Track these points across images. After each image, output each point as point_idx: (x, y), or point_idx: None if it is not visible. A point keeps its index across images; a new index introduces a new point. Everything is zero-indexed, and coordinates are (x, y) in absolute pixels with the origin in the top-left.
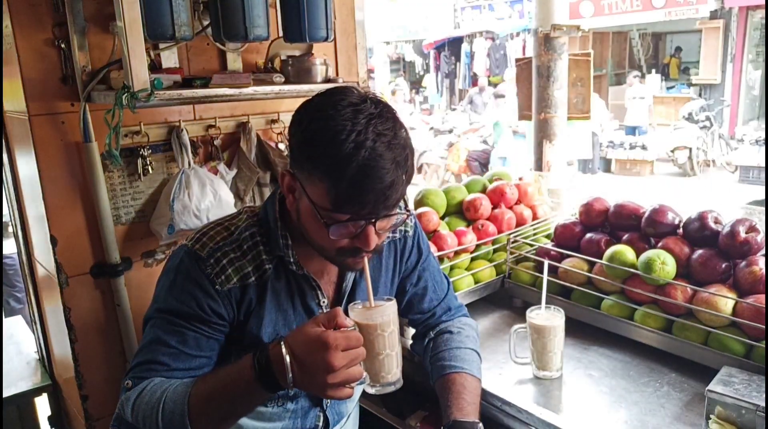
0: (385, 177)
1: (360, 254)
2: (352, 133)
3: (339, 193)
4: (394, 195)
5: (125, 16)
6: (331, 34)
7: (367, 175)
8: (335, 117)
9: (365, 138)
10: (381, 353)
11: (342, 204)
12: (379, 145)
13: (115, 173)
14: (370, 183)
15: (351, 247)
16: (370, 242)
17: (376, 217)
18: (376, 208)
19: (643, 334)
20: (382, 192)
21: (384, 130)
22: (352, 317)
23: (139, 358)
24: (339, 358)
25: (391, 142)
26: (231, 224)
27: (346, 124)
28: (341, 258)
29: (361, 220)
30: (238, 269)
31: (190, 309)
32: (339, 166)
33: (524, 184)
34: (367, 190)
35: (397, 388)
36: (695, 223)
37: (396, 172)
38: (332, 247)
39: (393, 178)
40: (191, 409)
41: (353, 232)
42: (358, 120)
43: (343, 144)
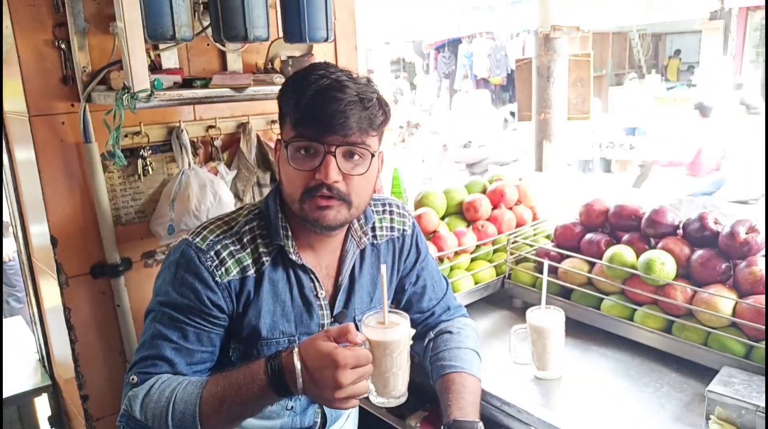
0: (342, 98)
1: (321, 192)
2: (321, 71)
3: (298, 113)
4: (351, 120)
5: (125, 17)
6: (331, 35)
7: (324, 94)
8: (312, 66)
9: (332, 73)
10: (389, 371)
11: (300, 124)
12: (344, 78)
13: (115, 174)
14: (327, 101)
15: (315, 185)
16: (328, 172)
17: (333, 142)
18: (331, 127)
19: (643, 335)
20: (339, 112)
21: (354, 77)
22: (365, 332)
23: (142, 353)
24: (347, 376)
25: (357, 81)
26: (231, 219)
27: (320, 68)
28: (305, 202)
29: (320, 145)
30: (237, 261)
31: (190, 302)
32: (301, 90)
33: (524, 185)
34: (323, 106)
35: (401, 403)
36: (695, 223)
37: (355, 100)
38: (298, 187)
39: (350, 102)
40: (202, 410)
41: (314, 164)
42: (331, 69)
43: (311, 75)
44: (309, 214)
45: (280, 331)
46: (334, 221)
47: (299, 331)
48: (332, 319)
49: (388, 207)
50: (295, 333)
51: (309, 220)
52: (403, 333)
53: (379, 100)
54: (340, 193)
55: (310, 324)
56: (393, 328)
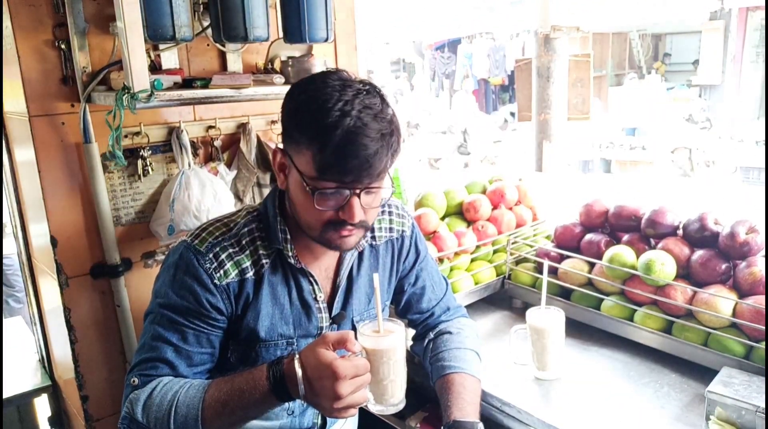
0: (369, 145)
1: (345, 227)
2: (339, 102)
3: (324, 159)
4: (378, 165)
5: (125, 17)
6: (331, 35)
7: (351, 141)
8: (324, 89)
9: (351, 108)
10: (385, 379)
11: (326, 170)
12: (365, 115)
13: (115, 174)
14: (354, 150)
15: (336, 220)
16: (354, 213)
17: (360, 186)
18: (359, 176)
19: (643, 335)
20: (366, 160)
21: (371, 104)
22: (361, 342)
23: (142, 355)
24: (346, 387)
25: (378, 114)
26: (230, 221)
27: (335, 94)
28: (327, 233)
29: (346, 190)
30: (236, 264)
31: (189, 304)
32: (324, 132)
33: (524, 185)
34: (351, 156)
35: (399, 410)
36: (695, 223)
37: (380, 143)
38: (318, 220)
39: (377, 148)
40: (205, 414)
41: (338, 203)
42: (346, 92)
43: (330, 111)
44: (330, 243)
45: (278, 333)
46: (354, 245)
47: (298, 333)
48: (331, 321)
49: (387, 208)
50: (293, 335)
51: (329, 245)
52: (399, 340)
53: (394, 123)
54: (362, 224)
55: (308, 327)
56: (388, 335)
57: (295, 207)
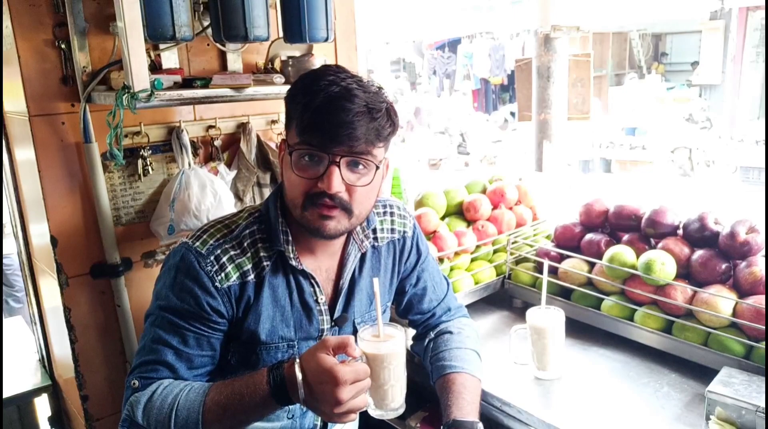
0: (351, 108)
1: (324, 201)
2: (331, 76)
3: (305, 120)
4: (359, 132)
5: (125, 17)
6: (331, 35)
7: (332, 103)
8: (322, 70)
9: (342, 80)
10: (386, 384)
11: (306, 131)
12: (354, 87)
13: (115, 174)
14: (335, 111)
15: (316, 193)
16: (332, 182)
17: (338, 152)
18: (338, 138)
19: (643, 335)
20: (347, 124)
21: (364, 85)
22: (361, 346)
23: (143, 357)
24: (346, 392)
25: (368, 89)
26: (231, 222)
27: (330, 74)
28: (307, 210)
29: (324, 155)
30: (237, 266)
31: (189, 307)
32: (310, 96)
33: (524, 185)
34: (330, 116)
35: (399, 415)
36: (695, 223)
37: (365, 112)
38: (300, 192)
39: (360, 113)
40: (205, 417)
41: (317, 172)
42: (341, 75)
43: (320, 81)
44: (310, 223)
45: (279, 336)
46: (334, 231)
47: (299, 336)
48: (332, 323)
49: (388, 208)
50: (294, 338)
51: (309, 228)
52: (399, 345)
53: (388, 110)
54: (342, 202)
55: (309, 329)
56: (388, 340)
57: (284, 189)
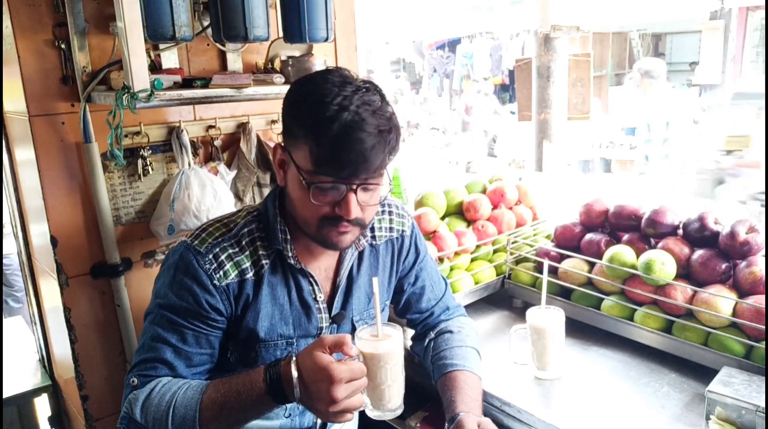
0: (366, 139)
1: (341, 224)
2: (338, 97)
3: (320, 152)
4: (375, 160)
5: (125, 17)
6: (331, 35)
7: (348, 135)
8: (324, 84)
9: (350, 103)
10: (383, 383)
11: (322, 164)
12: (363, 110)
13: (115, 174)
14: (351, 143)
15: (332, 216)
16: (350, 209)
17: (356, 181)
18: (355, 170)
19: (643, 335)
20: (363, 154)
21: (370, 100)
22: (359, 346)
23: (142, 355)
24: (342, 391)
25: (376, 111)
26: (230, 221)
27: (334, 89)
28: (323, 230)
29: (342, 185)
30: (236, 264)
31: (188, 305)
32: (322, 125)
33: (524, 185)
34: (347, 150)
35: (397, 416)
36: (695, 223)
37: (378, 138)
38: (315, 215)
39: (374, 143)
40: (202, 415)
41: (334, 199)
42: (345, 88)
43: (329, 105)
44: (327, 240)
45: (278, 334)
46: (350, 244)
47: (297, 333)
48: (331, 320)
49: (387, 208)
50: (293, 335)
51: (325, 243)
52: (396, 344)
53: (393, 122)
54: (358, 220)
55: (308, 327)
56: (386, 340)
57: (292, 203)
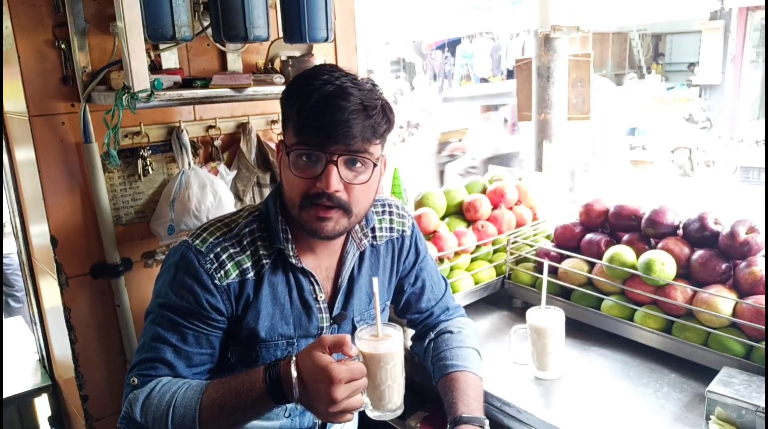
0: (346, 107)
1: (322, 201)
2: (325, 75)
3: (301, 120)
4: (355, 128)
5: (125, 17)
6: (331, 35)
7: (328, 103)
8: (316, 69)
9: (336, 78)
10: (383, 384)
11: (302, 132)
12: (348, 85)
13: (115, 174)
14: (330, 109)
15: (314, 193)
16: (330, 181)
17: (335, 151)
18: (334, 137)
19: (643, 335)
20: (343, 122)
21: (359, 81)
22: (359, 346)
23: (142, 355)
24: (341, 391)
25: (362, 87)
26: (231, 221)
27: (324, 73)
28: (305, 210)
29: (322, 154)
30: (237, 264)
31: (189, 305)
32: (305, 96)
33: (524, 185)
34: (326, 115)
35: (397, 416)
36: (695, 223)
37: (360, 109)
38: (298, 193)
39: (355, 110)
40: (202, 415)
41: (315, 172)
42: (336, 74)
43: (315, 81)
44: (308, 224)
45: (278, 333)
46: (332, 232)
47: (298, 333)
48: (331, 321)
49: (387, 208)
50: (293, 335)
51: (308, 229)
52: (397, 345)
53: (383, 106)
54: (340, 202)
55: (309, 327)
56: (386, 340)
57: (283, 189)
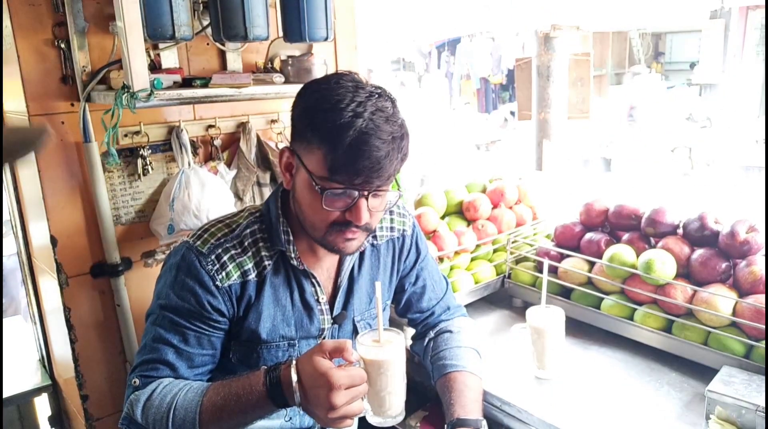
0: (381, 147)
1: (350, 229)
2: (352, 103)
3: (335, 159)
4: (388, 168)
5: (125, 17)
6: (331, 34)
7: (364, 142)
8: (337, 89)
9: (364, 109)
10: (383, 390)
11: (337, 170)
12: (378, 117)
13: (115, 173)
14: (367, 151)
15: (342, 222)
16: (360, 215)
17: (368, 189)
18: (369, 178)
19: (643, 334)
20: (377, 161)
21: (383, 107)
22: (360, 352)
23: (144, 356)
24: (341, 397)
25: (389, 118)
26: (233, 222)
27: (347, 94)
28: (331, 235)
29: (354, 191)
30: (238, 265)
31: (190, 306)
32: (337, 132)
33: (524, 185)
34: (362, 157)
35: (398, 422)
36: (695, 223)
37: (391, 145)
38: (324, 220)
39: (388, 150)
40: (202, 417)
41: (345, 204)
42: (359, 94)
43: (343, 111)
44: (334, 245)
45: (280, 335)
46: (357, 249)
47: (299, 335)
48: (332, 321)
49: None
50: (295, 337)
51: (331, 248)
52: (398, 351)
53: (404, 127)
54: (367, 226)
55: (310, 328)
56: (387, 346)
57: (300, 207)
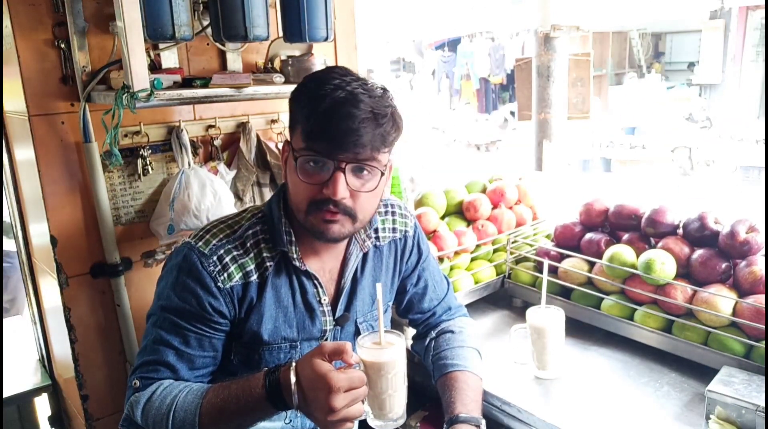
0: (356, 114)
1: (328, 207)
2: (336, 80)
3: (310, 125)
4: (364, 137)
5: (125, 16)
6: (331, 34)
7: (338, 110)
8: (327, 72)
9: (347, 83)
10: (384, 393)
11: (311, 137)
12: (360, 92)
13: (115, 173)
14: (340, 116)
15: (320, 199)
16: (337, 188)
17: (344, 159)
18: (344, 145)
19: (643, 334)
20: (353, 131)
21: (369, 88)
22: (360, 354)
23: (144, 357)
24: (340, 400)
25: (373, 96)
26: (234, 222)
27: (335, 77)
28: (311, 214)
29: (329, 161)
30: (240, 267)
31: (191, 307)
32: (315, 101)
33: (524, 185)
34: (335, 123)
35: (399, 425)
36: (695, 223)
37: (370, 117)
38: (304, 198)
39: (365, 118)
40: (202, 419)
41: (323, 178)
42: (347, 78)
43: (325, 85)
44: (314, 227)
45: (281, 336)
46: (338, 234)
47: (301, 336)
48: (334, 323)
49: (390, 208)
50: (297, 338)
51: (313, 232)
52: (399, 353)
53: (393, 114)
54: (346, 208)
55: (312, 329)
56: (388, 348)
57: (289, 192)
